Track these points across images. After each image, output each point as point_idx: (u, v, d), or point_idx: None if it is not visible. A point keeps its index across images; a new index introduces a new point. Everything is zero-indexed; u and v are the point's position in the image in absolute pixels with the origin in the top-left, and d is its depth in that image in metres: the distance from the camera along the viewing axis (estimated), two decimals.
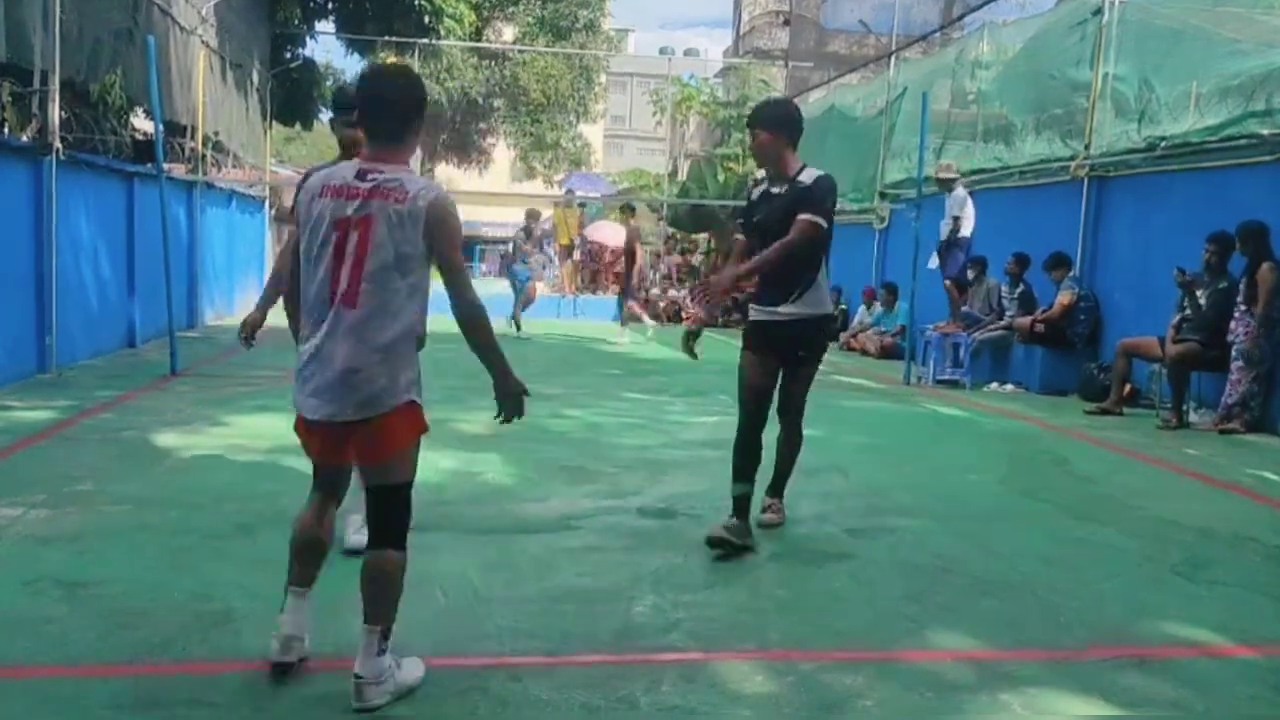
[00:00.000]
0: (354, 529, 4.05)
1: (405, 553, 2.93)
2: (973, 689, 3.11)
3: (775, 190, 4.46)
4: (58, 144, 8.78)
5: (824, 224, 4.29)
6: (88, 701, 2.80)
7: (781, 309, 4.41)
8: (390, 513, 2.91)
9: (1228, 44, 9.06)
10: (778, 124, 4.39)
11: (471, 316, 2.88)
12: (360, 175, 2.82)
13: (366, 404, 2.79)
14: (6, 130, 8.89)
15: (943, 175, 11.21)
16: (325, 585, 3.69)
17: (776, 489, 4.81)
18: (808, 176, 4.37)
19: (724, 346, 14.54)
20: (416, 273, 2.83)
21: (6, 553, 4.03)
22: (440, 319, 3.01)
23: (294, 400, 2.89)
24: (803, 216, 4.27)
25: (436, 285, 2.92)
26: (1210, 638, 3.59)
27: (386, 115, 2.89)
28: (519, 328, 14.38)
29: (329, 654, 3.12)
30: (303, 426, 2.91)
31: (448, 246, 2.85)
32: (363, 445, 2.85)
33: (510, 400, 3.00)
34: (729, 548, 4.24)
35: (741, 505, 4.42)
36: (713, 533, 4.30)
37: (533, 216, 15.19)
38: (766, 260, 4.35)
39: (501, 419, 3.03)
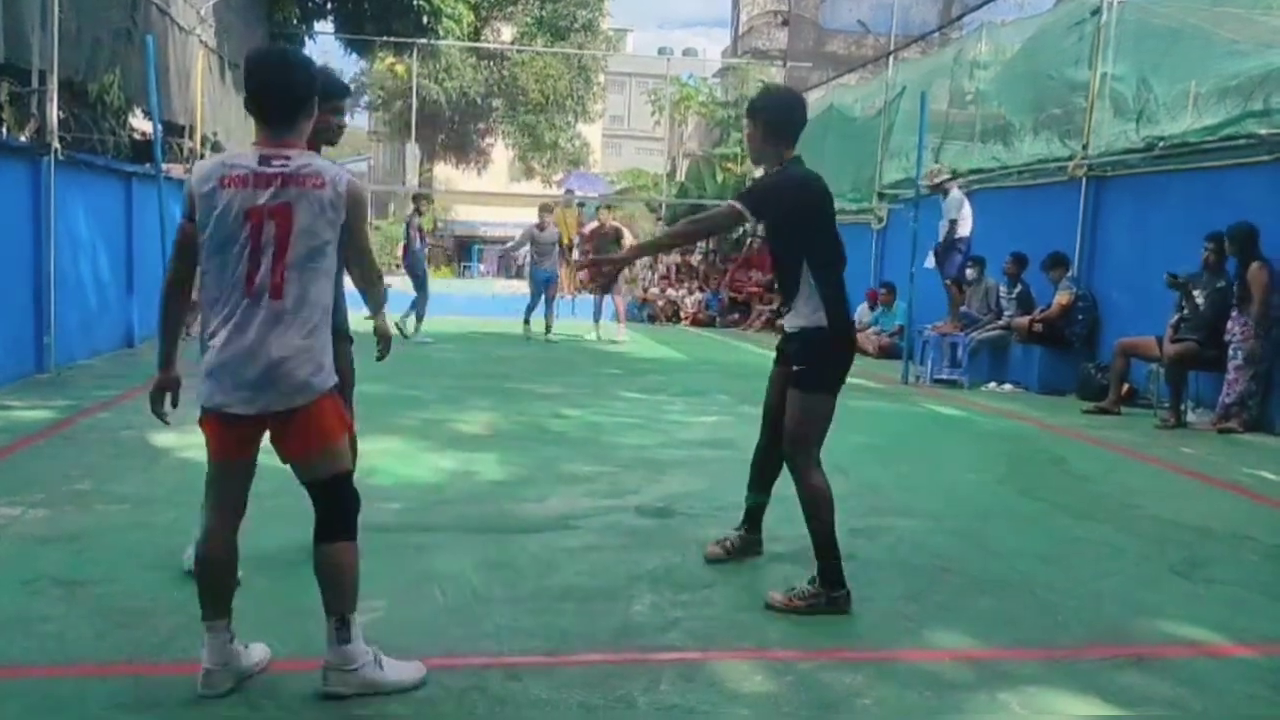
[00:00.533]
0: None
1: (357, 541, 2.92)
2: (971, 688, 3.11)
3: None
4: (56, 144, 8.78)
5: (740, 207, 3.76)
6: (87, 702, 2.80)
7: (785, 320, 4.03)
8: (340, 504, 2.90)
9: (1226, 44, 9.07)
10: (755, 113, 3.97)
11: (377, 282, 3.26)
12: (265, 161, 2.76)
13: (298, 391, 2.77)
14: (5, 130, 8.87)
15: (934, 181, 11.18)
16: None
17: (819, 569, 3.77)
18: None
19: (721, 346, 14.59)
20: (331, 256, 2.85)
21: (5, 552, 4.03)
22: (436, 320, 3.02)
23: (209, 399, 2.78)
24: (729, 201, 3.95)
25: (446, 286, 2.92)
26: (1208, 637, 3.59)
27: (282, 102, 2.83)
28: (548, 329, 13.82)
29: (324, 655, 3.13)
30: (219, 425, 2.81)
31: (360, 225, 2.94)
32: (300, 436, 2.82)
33: (387, 341, 3.78)
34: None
35: (751, 515, 4.32)
36: (709, 553, 4.24)
37: (547, 210, 14.51)
38: (661, 235, 4.75)
39: (381, 357, 3.65)
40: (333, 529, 2.88)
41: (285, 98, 2.84)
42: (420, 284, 12.92)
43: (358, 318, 3.79)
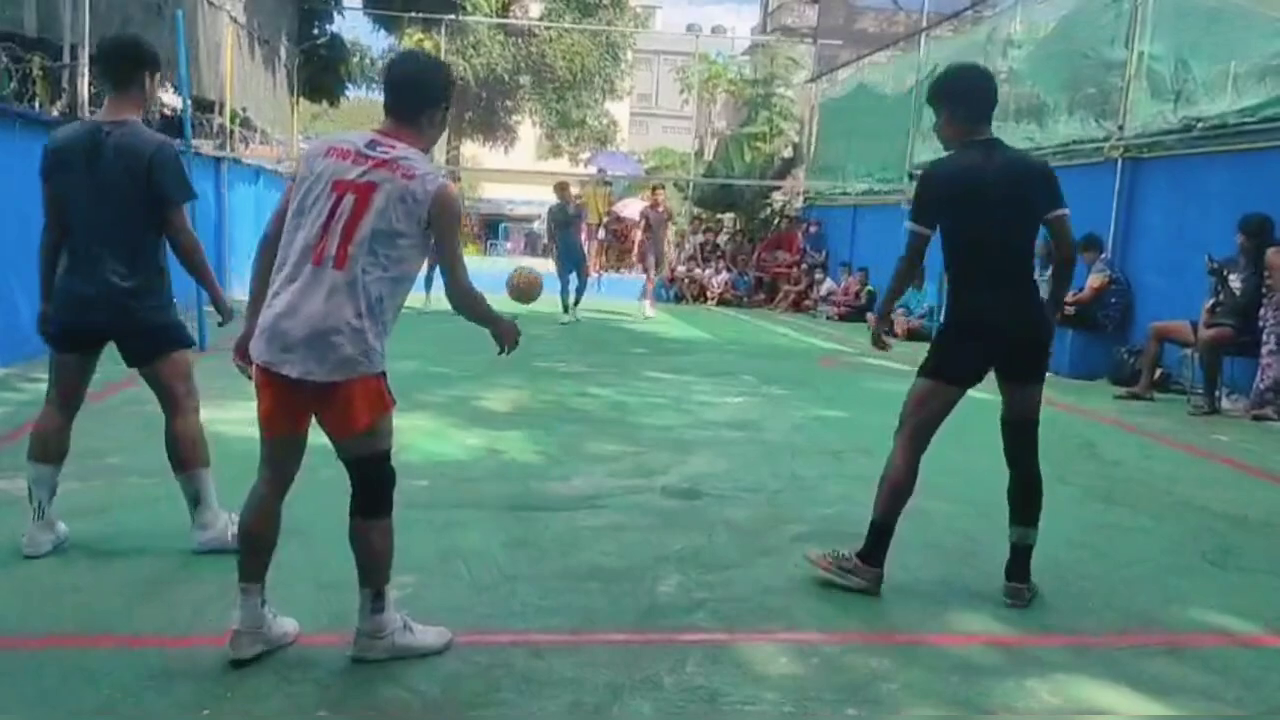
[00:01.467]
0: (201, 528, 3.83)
1: (391, 519, 2.97)
2: (999, 674, 3.08)
3: None
4: (87, 118, 8.82)
5: (911, 227, 3.78)
6: (118, 672, 2.82)
7: None
8: (374, 483, 2.94)
9: (1267, 23, 8.88)
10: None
11: (465, 301, 2.99)
12: (371, 145, 2.85)
13: (339, 366, 2.77)
14: (37, 104, 8.94)
15: None
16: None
17: (865, 541, 3.76)
18: None
19: (748, 327, 14.52)
20: (403, 253, 2.83)
21: None
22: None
23: (259, 354, 2.83)
24: None
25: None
26: (1241, 625, 3.54)
27: (405, 93, 2.95)
28: (575, 305, 13.52)
29: (353, 630, 3.14)
30: (266, 384, 2.86)
31: (448, 234, 2.90)
32: (339, 413, 2.84)
33: (507, 335, 3.14)
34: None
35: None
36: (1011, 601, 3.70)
37: (563, 187, 14.29)
38: (888, 291, 4.17)
39: (503, 351, 3.18)
40: (366, 506, 2.94)
41: (408, 94, 2.94)
42: None
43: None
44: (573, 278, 13.52)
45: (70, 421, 3.91)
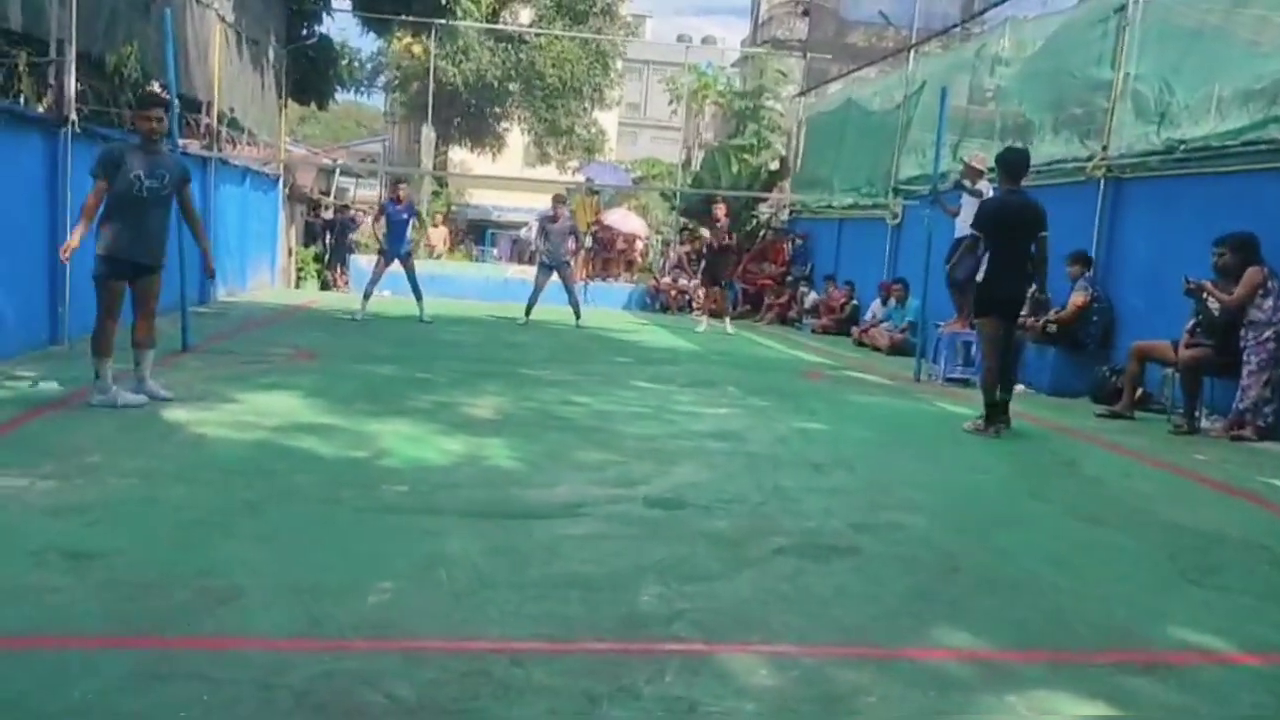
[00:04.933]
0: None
1: None
2: (976, 688, 3.09)
3: None
4: (73, 115, 8.78)
5: (971, 230, 7.65)
6: (96, 674, 2.79)
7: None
8: None
9: (1249, 46, 8.98)
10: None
11: None
12: None
13: None
14: (23, 100, 8.89)
15: (983, 167, 10.84)
16: (352, 563, 3.68)
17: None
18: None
19: (733, 338, 14.55)
20: None
21: (13, 522, 4.04)
22: (438, 302, 3.00)
23: None
24: None
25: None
26: (1218, 644, 3.56)
27: None
28: (577, 317, 13.92)
29: (331, 635, 3.13)
30: None
31: None
32: None
33: None
34: None
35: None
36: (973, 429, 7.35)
37: (560, 200, 14.48)
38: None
39: None
40: None
41: None
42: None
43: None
44: (548, 286, 13.82)
45: None
